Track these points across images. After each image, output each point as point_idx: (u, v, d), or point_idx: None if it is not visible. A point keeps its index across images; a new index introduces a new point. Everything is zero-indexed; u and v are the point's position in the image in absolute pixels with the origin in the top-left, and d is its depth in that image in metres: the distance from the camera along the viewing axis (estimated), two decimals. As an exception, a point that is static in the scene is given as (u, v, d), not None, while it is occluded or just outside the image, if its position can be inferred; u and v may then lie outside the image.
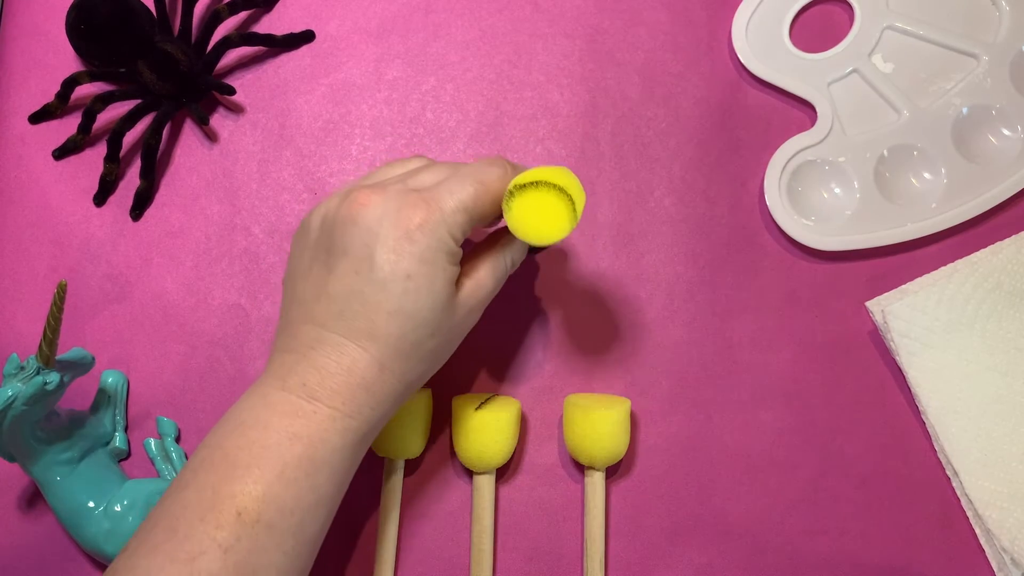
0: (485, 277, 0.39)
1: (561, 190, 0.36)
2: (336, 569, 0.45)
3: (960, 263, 0.46)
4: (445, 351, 0.39)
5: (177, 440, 0.47)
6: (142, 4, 0.49)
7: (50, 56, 0.53)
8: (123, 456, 0.47)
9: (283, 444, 0.34)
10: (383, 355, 0.36)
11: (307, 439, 0.35)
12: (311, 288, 0.37)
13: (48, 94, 0.51)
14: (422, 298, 0.36)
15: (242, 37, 0.50)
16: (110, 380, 0.47)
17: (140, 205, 0.50)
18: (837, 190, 0.48)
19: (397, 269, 0.35)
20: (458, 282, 0.38)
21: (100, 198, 0.50)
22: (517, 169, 0.39)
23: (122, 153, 0.50)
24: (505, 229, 0.40)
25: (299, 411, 0.35)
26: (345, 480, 0.37)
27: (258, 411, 0.35)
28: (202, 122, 0.49)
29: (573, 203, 0.36)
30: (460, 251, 0.38)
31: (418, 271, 0.35)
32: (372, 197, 0.36)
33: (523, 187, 0.36)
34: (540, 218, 0.36)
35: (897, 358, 0.45)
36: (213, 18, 0.50)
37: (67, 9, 0.49)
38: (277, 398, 0.36)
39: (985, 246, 0.46)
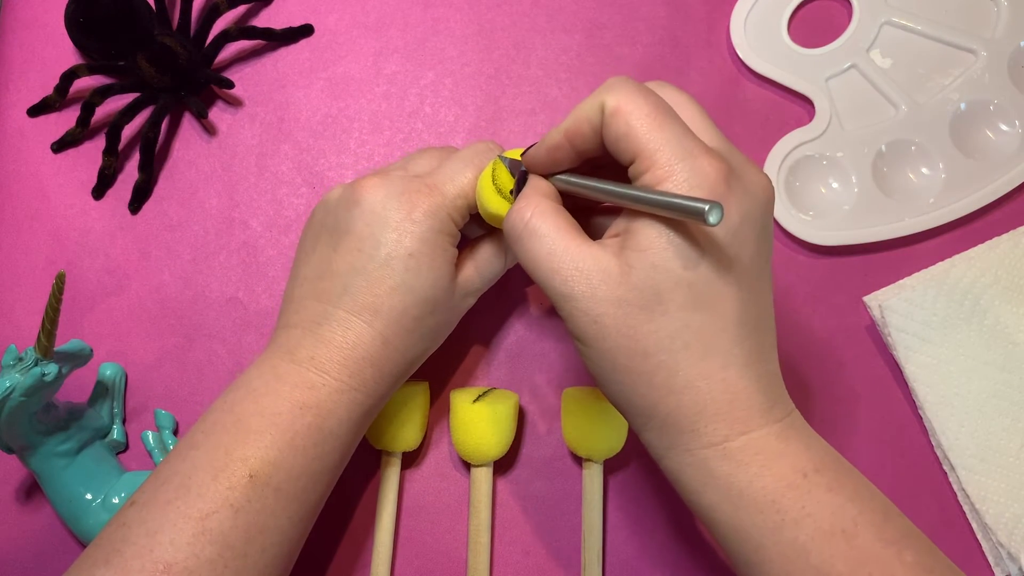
0: (485, 266, 0.41)
1: None
2: (333, 561, 0.45)
3: (957, 258, 0.46)
4: (444, 330, 0.41)
5: (175, 433, 0.47)
6: (141, -3, 0.49)
7: (49, 49, 0.53)
8: (121, 448, 0.47)
9: (294, 413, 0.35)
10: (387, 330, 0.37)
11: (316, 410, 0.36)
12: (315, 266, 0.38)
13: (47, 87, 0.51)
14: (423, 275, 0.37)
15: (241, 31, 0.50)
16: (108, 372, 0.47)
17: (138, 198, 0.50)
18: (835, 185, 0.48)
19: (400, 247, 0.37)
20: (459, 267, 0.40)
21: (98, 191, 0.50)
22: None
23: (121, 146, 0.50)
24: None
25: (309, 383, 0.36)
26: (348, 452, 0.39)
27: (269, 380, 0.36)
28: (201, 115, 0.49)
29: None
30: (459, 234, 0.39)
31: (420, 250, 0.37)
32: (375, 181, 0.38)
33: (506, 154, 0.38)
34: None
35: (894, 353, 0.45)
36: (212, 11, 0.50)
37: (66, 2, 0.49)
38: (287, 369, 0.37)
39: (982, 241, 0.46)
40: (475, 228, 0.42)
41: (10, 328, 0.49)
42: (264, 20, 0.53)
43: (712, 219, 0.27)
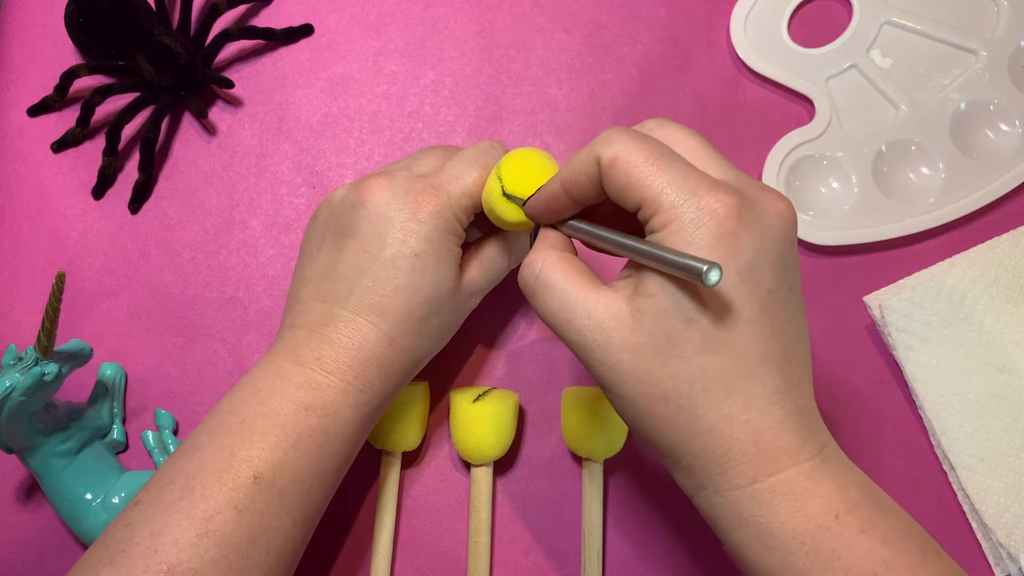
0: (490, 265, 0.41)
1: (541, 151, 0.37)
2: (333, 561, 0.45)
3: (957, 258, 0.46)
4: (449, 330, 0.41)
5: (175, 433, 0.47)
6: (141, -3, 0.49)
7: (49, 49, 0.53)
8: (121, 448, 0.47)
9: (299, 414, 0.35)
10: (393, 330, 0.37)
11: (321, 411, 0.36)
12: (320, 267, 0.38)
13: (47, 87, 0.51)
14: (429, 275, 0.37)
15: (241, 30, 0.51)
16: (108, 372, 0.47)
17: (138, 198, 0.50)
18: (835, 185, 0.48)
19: (405, 247, 0.37)
20: (464, 267, 0.40)
21: (98, 191, 0.50)
22: None
23: (121, 146, 0.50)
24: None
25: (314, 384, 0.36)
26: (352, 453, 0.39)
27: (274, 381, 0.36)
28: (201, 115, 0.49)
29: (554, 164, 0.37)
30: (464, 234, 0.39)
31: (425, 250, 0.37)
32: (380, 181, 0.38)
33: (512, 153, 0.37)
34: (529, 171, 0.36)
35: (894, 352, 0.45)
36: (212, 11, 0.50)
37: (66, 2, 0.49)
38: (292, 370, 0.37)
39: (983, 241, 0.46)
40: (475, 231, 0.42)
41: (10, 328, 0.49)
42: (264, 20, 0.53)
43: (711, 279, 0.27)
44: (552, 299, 0.32)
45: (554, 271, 0.33)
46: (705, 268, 0.27)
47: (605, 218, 0.35)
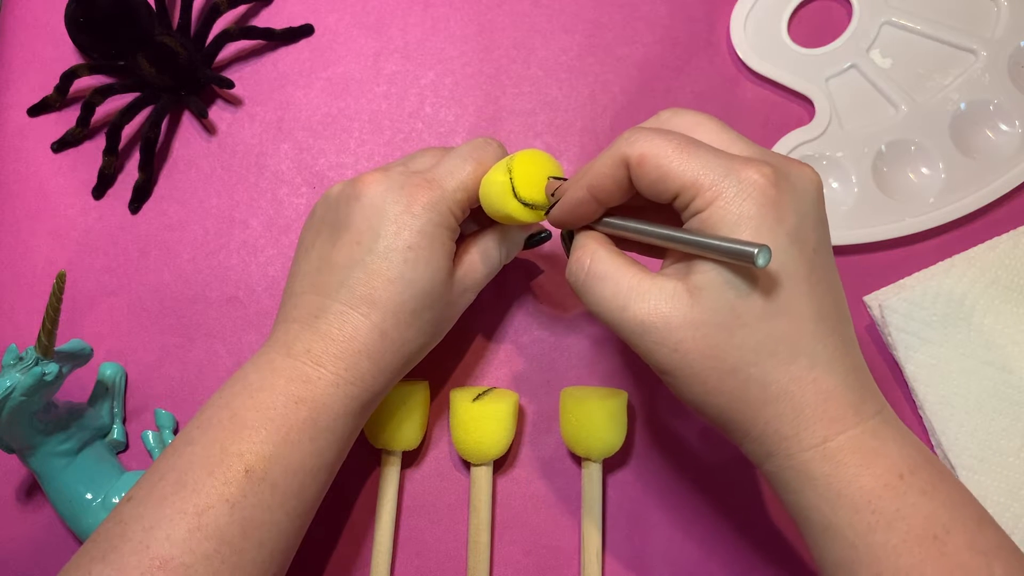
0: (483, 260, 0.41)
1: (545, 153, 0.38)
2: (333, 561, 0.45)
3: (957, 258, 0.46)
4: (442, 326, 0.41)
5: (175, 432, 0.47)
6: (141, -3, 0.49)
7: (49, 49, 0.53)
8: (121, 448, 0.47)
9: (289, 407, 0.36)
10: (384, 322, 0.37)
11: (311, 404, 0.36)
12: (315, 260, 0.39)
13: (47, 87, 0.51)
14: (421, 268, 0.37)
15: (241, 30, 0.51)
16: (108, 372, 0.47)
17: (139, 198, 0.50)
18: (835, 185, 0.48)
19: (398, 240, 0.37)
20: (457, 261, 0.40)
21: (99, 191, 0.50)
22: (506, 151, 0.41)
23: (121, 146, 0.50)
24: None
25: (304, 376, 0.36)
26: (345, 447, 0.39)
27: (265, 374, 0.36)
28: (201, 115, 0.49)
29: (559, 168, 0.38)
30: (459, 229, 0.39)
31: (419, 243, 0.37)
32: (376, 176, 0.38)
33: (521, 153, 0.38)
34: (543, 174, 0.37)
35: (894, 352, 0.45)
36: (212, 11, 0.50)
37: (66, 2, 0.49)
38: (283, 364, 0.37)
39: (982, 241, 0.46)
40: (471, 224, 0.42)
41: (10, 328, 0.49)
42: (264, 20, 0.53)
43: (760, 262, 0.28)
44: (605, 289, 0.33)
45: (604, 263, 0.34)
46: (756, 251, 0.28)
47: (627, 215, 0.35)
